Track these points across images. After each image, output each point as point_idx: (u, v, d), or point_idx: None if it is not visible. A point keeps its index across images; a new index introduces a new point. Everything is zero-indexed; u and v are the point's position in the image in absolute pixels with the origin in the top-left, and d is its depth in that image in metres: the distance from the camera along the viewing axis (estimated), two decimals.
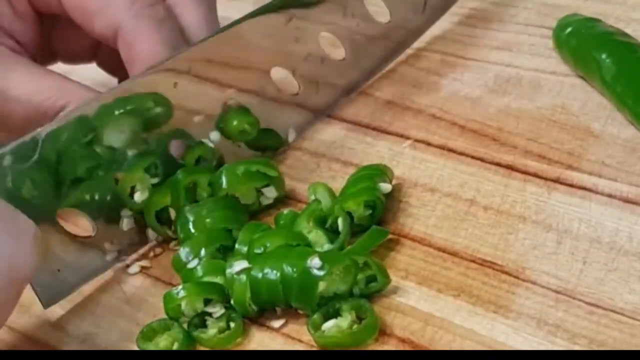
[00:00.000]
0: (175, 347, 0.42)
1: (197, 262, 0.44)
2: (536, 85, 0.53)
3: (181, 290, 0.42)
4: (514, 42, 0.57)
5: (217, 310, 0.43)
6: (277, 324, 0.42)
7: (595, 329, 0.39)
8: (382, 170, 0.47)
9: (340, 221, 0.44)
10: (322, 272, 0.41)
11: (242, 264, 0.42)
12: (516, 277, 0.42)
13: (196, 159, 0.49)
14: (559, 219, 0.44)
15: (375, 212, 0.45)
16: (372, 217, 0.45)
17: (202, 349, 0.42)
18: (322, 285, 0.41)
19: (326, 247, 0.44)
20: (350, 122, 0.53)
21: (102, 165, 0.46)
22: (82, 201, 0.46)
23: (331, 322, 0.41)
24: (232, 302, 0.42)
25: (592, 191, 0.45)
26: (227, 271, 0.43)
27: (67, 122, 0.45)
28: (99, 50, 0.55)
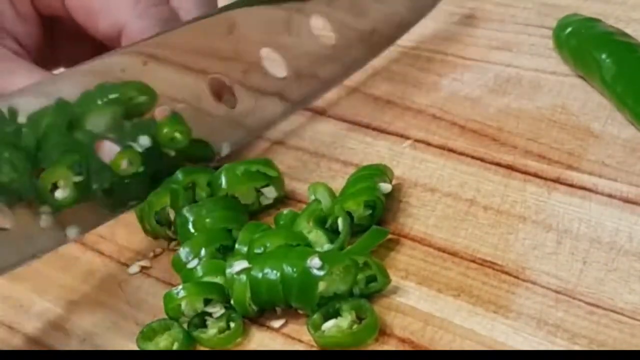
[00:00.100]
0: (175, 347, 0.42)
1: (197, 262, 0.44)
2: (536, 85, 0.53)
3: (181, 290, 0.42)
4: (514, 42, 0.57)
5: (217, 310, 0.43)
6: (277, 324, 0.42)
7: (595, 329, 0.39)
8: (382, 170, 0.47)
9: (340, 221, 0.44)
10: (322, 272, 0.41)
11: (242, 264, 0.42)
12: (516, 277, 0.42)
13: (120, 164, 0.47)
14: (559, 219, 0.44)
15: (375, 212, 0.45)
16: (372, 217, 0.45)
17: (202, 349, 0.42)
18: (322, 285, 0.41)
19: (326, 247, 0.44)
20: (350, 121, 0.53)
21: (80, 152, 0.45)
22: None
23: (331, 322, 0.41)
24: (232, 302, 0.42)
25: (592, 191, 0.45)
26: (227, 271, 0.43)
27: (48, 108, 0.44)
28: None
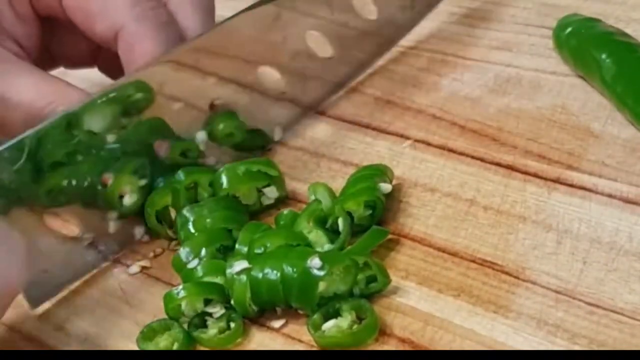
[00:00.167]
0: (175, 347, 0.42)
1: (197, 262, 0.44)
2: (536, 85, 0.53)
3: (181, 290, 0.42)
4: (514, 42, 0.57)
5: (217, 310, 0.43)
6: (277, 324, 0.42)
7: (595, 329, 0.39)
8: (382, 170, 0.47)
9: (340, 221, 0.44)
10: (322, 272, 0.41)
11: (242, 264, 0.42)
12: (516, 277, 0.42)
13: (180, 153, 0.48)
14: (559, 219, 0.44)
15: (375, 212, 0.45)
16: (372, 217, 0.45)
17: (202, 349, 0.42)
18: (322, 285, 0.41)
19: (326, 247, 0.44)
20: (350, 121, 0.53)
21: (81, 150, 0.45)
22: (60, 186, 0.45)
23: (331, 322, 0.41)
24: (232, 302, 0.42)
25: (592, 191, 0.45)
26: (227, 271, 0.43)
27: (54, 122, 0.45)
28: (100, 55, 0.55)
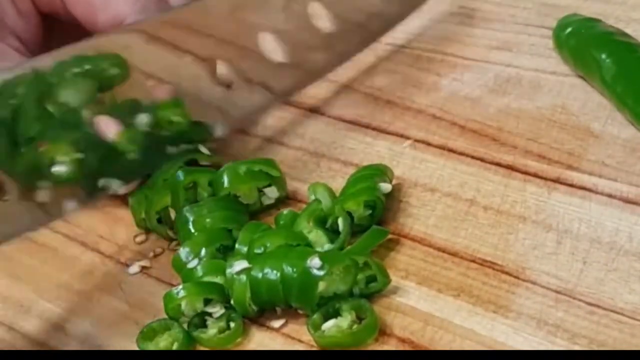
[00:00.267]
0: (175, 347, 0.42)
1: (197, 262, 0.44)
2: (536, 85, 0.53)
3: (181, 290, 0.42)
4: (514, 42, 0.57)
5: (217, 310, 0.43)
6: (277, 324, 0.42)
7: (595, 329, 0.39)
8: (382, 170, 0.47)
9: (340, 221, 0.44)
10: (322, 272, 0.41)
11: (242, 264, 0.42)
12: (516, 277, 0.42)
13: (127, 140, 0.47)
14: (559, 219, 0.44)
15: (375, 212, 0.45)
16: (372, 217, 0.45)
17: (202, 349, 0.42)
18: (322, 285, 0.41)
19: (326, 247, 0.44)
20: (350, 121, 0.53)
21: (54, 126, 0.45)
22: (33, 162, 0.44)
23: (331, 322, 0.41)
24: (232, 302, 0.42)
25: (592, 191, 0.45)
26: (227, 271, 0.43)
27: (22, 75, 0.44)
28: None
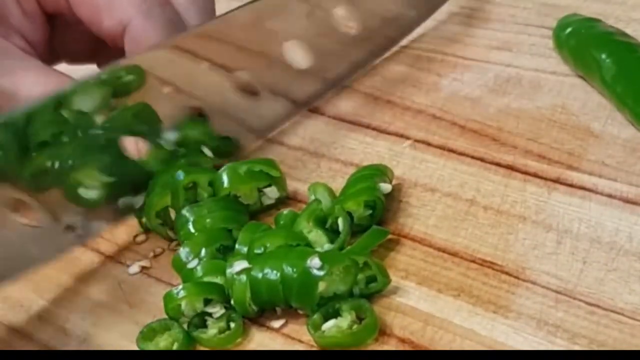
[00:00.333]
0: (175, 347, 0.42)
1: (197, 262, 0.44)
2: (536, 85, 0.53)
3: (181, 290, 0.42)
4: (514, 42, 0.57)
5: (217, 310, 0.43)
6: (277, 324, 0.42)
7: (595, 329, 0.39)
8: (382, 170, 0.47)
9: (340, 221, 0.44)
10: (322, 272, 0.41)
11: (242, 264, 0.42)
12: (516, 277, 0.42)
13: (156, 159, 0.48)
14: (559, 219, 0.44)
15: (375, 212, 0.45)
16: (372, 217, 0.45)
17: (202, 349, 0.42)
18: (322, 285, 0.41)
19: (326, 247, 0.44)
20: (350, 121, 0.53)
21: (67, 131, 0.45)
22: (44, 168, 0.45)
23: (331, 322, 0.41)
24: (232, 302, 0.42)
25: (592, 191, 0.45)
26: (227, 271, 0.43)
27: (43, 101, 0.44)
28: (99, 52, 0.55)
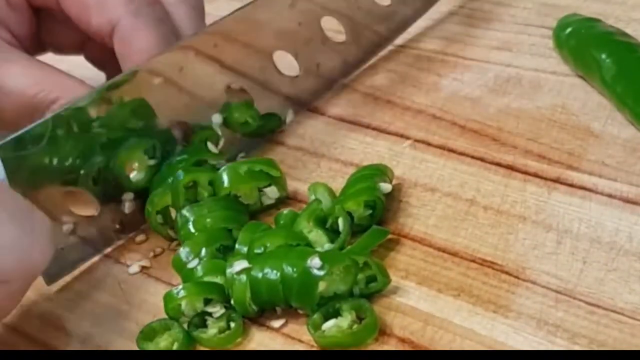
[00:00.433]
0: (175, 347, 0.42)
1: (197, 262, 0.44)
2: (536, 85, 0.53)
3: (181, 290, 0.42)
4: (514, 42, 0.57)
5: (217, 310, 0.43)
6: (277, 324, 0.42)
7: (595, 329, 0.39)
8: (382, 170, 0.47)
9: (340, 221, 0.44)
10: (322, 272, 0.41)
11: (242, 264, 0.42)
12: (516, 277, 0.42)
13: (202, 140, 0.50)
14: (559, 219, 0.44)
15: (375, 212, 0.45)
16: (372, 217, 0.45)
17: (202, 349, 0.42)
18: (322, 285, 0.41)
19: (326, 247, 0.44)
20: (350, 121, 0.53)
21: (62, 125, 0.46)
22: (85, 182, 0.47)
23: (331, 322, 0.41)
24: (232, 302, 0.42)
25: (592, 191, 0.45)
26: (227, 271, 0.43)
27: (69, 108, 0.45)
28: (87, 44, 0.55)
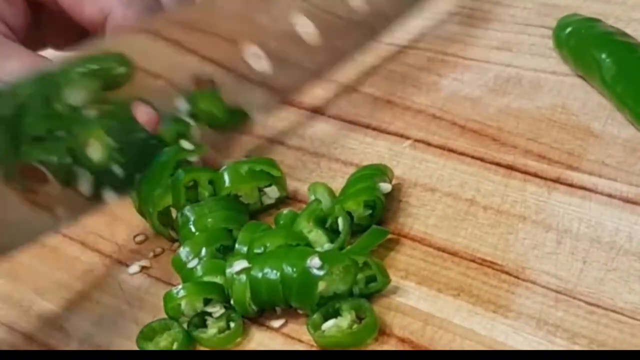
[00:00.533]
0: (175, 347, 0.42)
1: (197, 261, 0.44)
2: (536, 85, 0.53)
3: (181, 290, 0.42)
4: (514, 42, 0.57)
5: (217, 310, 0.43)
6: (277, 324, 0.42)
7: (595, 329, 0.39)
8: (382, 170, 0.47)
9: (340, 221, 0.44)
10: (322, 272, 0.41)
11: (242, 264, 0.42)
12: (516, 277, 0.42)
13: (174, 137, 0.48)
14: (559, 219, 0.44)
15: (375, 212, 0.45)
16: (372, 217, 0.45)
17: (202, 349, 0.42)
18: (322, 285, 0.41)
19: (326, 247, 0.44)
20: (350, 121, 0.53)
21: (62, 126, 0.45)
22: (40, 161, 0.45)
23: (331, 322, 0.41)
24: (232, 302, 0.42)
25: (592, 191, 0.45)
26: (227, 271, 0.43)
27: (27, 78, 0.44)
28: (84, 40, 0.55)
